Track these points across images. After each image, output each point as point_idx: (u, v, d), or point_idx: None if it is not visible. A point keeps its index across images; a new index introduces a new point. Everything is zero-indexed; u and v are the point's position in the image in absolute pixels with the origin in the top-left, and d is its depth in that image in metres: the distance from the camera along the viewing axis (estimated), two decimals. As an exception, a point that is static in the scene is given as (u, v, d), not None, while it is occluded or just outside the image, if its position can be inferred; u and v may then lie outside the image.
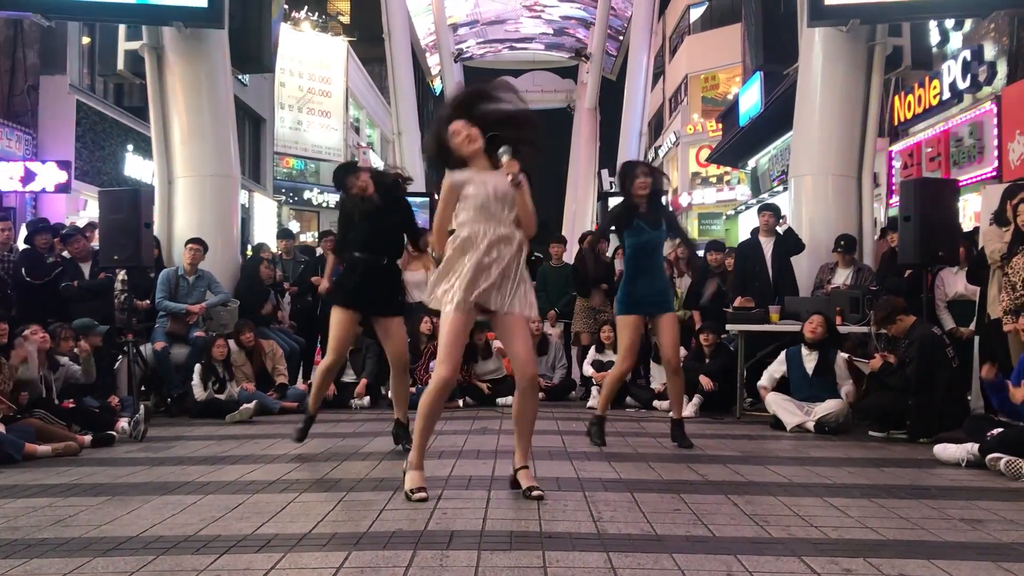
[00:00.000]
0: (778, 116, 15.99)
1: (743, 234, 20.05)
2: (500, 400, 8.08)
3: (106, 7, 8.66)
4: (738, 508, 3.81)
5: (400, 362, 5.42)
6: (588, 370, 8.23)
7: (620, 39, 31.54)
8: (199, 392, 7.49)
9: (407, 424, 5.47)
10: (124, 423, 6.16)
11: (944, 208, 7.11)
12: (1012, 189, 6.38)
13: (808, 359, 6.68)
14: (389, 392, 6.02)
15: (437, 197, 4.58)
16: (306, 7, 29.23)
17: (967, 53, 12.21)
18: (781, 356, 6.90)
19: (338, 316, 5.34)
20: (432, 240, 4.33)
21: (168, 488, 4.30)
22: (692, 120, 33.16)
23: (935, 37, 13.05)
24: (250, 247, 13.60)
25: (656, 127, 39.17)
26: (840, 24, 8.50)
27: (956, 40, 12.93)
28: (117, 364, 7.70)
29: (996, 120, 11.47)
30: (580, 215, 29.62)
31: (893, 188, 13.78)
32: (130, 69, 9.21)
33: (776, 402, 6.66)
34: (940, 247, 6.94)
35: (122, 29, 9.11)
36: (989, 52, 11.97)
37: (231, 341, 7.85)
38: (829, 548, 3.18)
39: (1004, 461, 4.64)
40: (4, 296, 7.37)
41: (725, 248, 9.45)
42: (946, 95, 12.71)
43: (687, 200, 32.39)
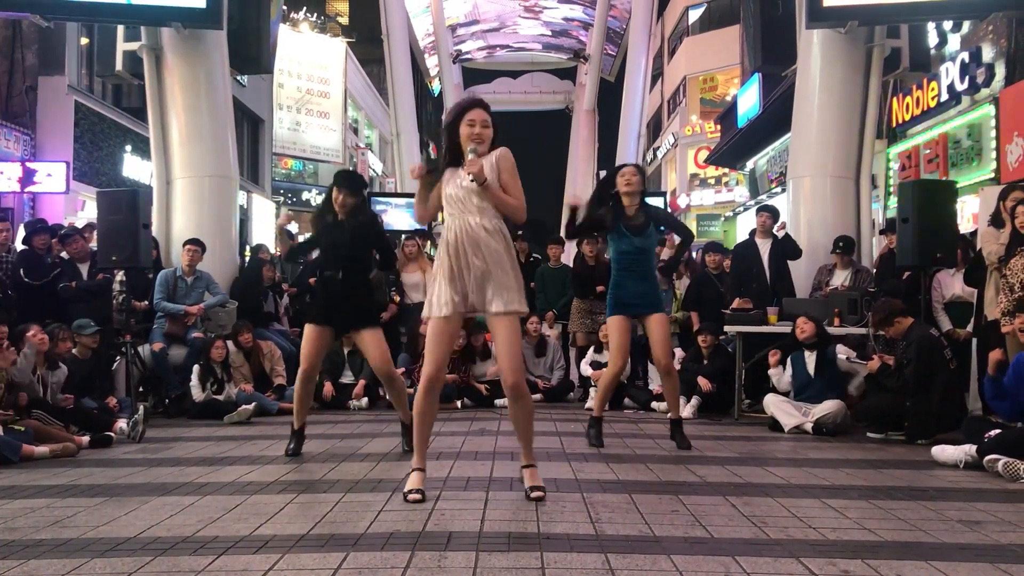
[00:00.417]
0: (776, 118, 16.01)
1: (741, 235, 20.05)
2: (498, 401, 8.07)
3: (104, 8, 8.64)
4: (736, 509, 3.81)
5: (383, 373, 5.36)
6: (586, 371, 8.23)
7: (619, 40, 31.54)
8: (197, 393, 7.49)
9: (410, 424, 5.47)
10: (122, 424, 6.16)
11: (942, 210, 7.12)
12: (1005, 190, 6.40)
13: (809, 360, 6.70)
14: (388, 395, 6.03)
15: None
16: (305, 8, 29.23)
17: (965, 55, 12.23)
18: (789, 366, 6.89)
19: (308, 331, 5.33)
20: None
21: (166, 489, 4.29)
22: (690, 121, 33.20)
23: (933, 39, 13.06)
24: (248, 248, 13.59)
25: (655, 128, 39.21)
26: (838, 26, 8.51)
27: (954, 42, 12.95)
28: (115, 365, 7.70)
29: (994, 122, 11.49)
30: (578, 217, 29.58)
31: (891, 190, 13.79)
32: (128, 70, 9.20)
33: (774, 403, 6.67)
34: (938, 249, 6.95)
35: (120, 30, 9.10)
36: (987, 54, 11.99)
37: (229, 342, 7.85)
38: (827, 549, 3.18)
39: (1002, 463, 4.65)
40: (4, 297, 7.37)
41: (723, 249, 9.46)
42: (944, 97, 12.74)
43: (685, 201, 32.41)
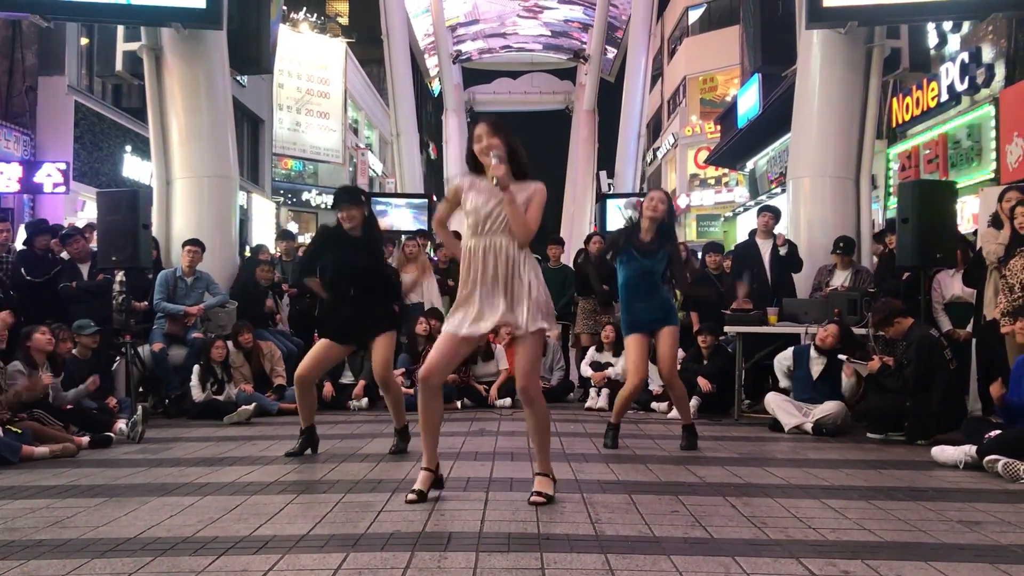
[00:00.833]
0: (776, 118, 16.01)
1: (741, 236, 20.06)
2: (498, 402, 8.08)
3: (104, 8, 8.63)
4: (736, 510, 3.81)
5: (381, 378, 5.40)
6: (586, 371, 8.23)
7: (618, 41, 31.55)
8: (197, 393, 7.49)
9: (405, 429, 5.48)
10: (122, 424, 6.16)
11: (942, 210, 7.12)
12: (1004, 191, 6.43)
13: (816, 362, 6.69)
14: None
15: (436, 200, 4.58)
16: (305, 8, 29.24)
17: (965, 55, 12.24)
18: (789, 351, 6.90)
19: (321, 344, 5.37)
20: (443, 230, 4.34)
21: (166, 489, 4.29)
22: (690, 122, 33.21)
23: (933, 39, 13.07)
24: (248, 248, 13.59)
25: (654, 129, 39.21)
26: (838, 26, 8.51)
27: (954, 42, 12.96)
28: (115, 365, 7.69)
29: (994, 122, 11.50)
30: (578, 217, 29.59)
31: (891, 190, 13.79)
32: (128, 70, 9.20)
33: (775, 403, 6.67)
34: (938, 249, 6.95)
35: (120, 30, 9.10)
36: (987, 54, 12.00)
37: (229, 342, 7.84)
38: (827, 550, 3.18)
39: (1002, 463, 4.65)
40: (4, 297, 7.36)
41: (724, 250, 9.46)
42: (944, 97, 12.75)
43: (685, 202, 32.42)
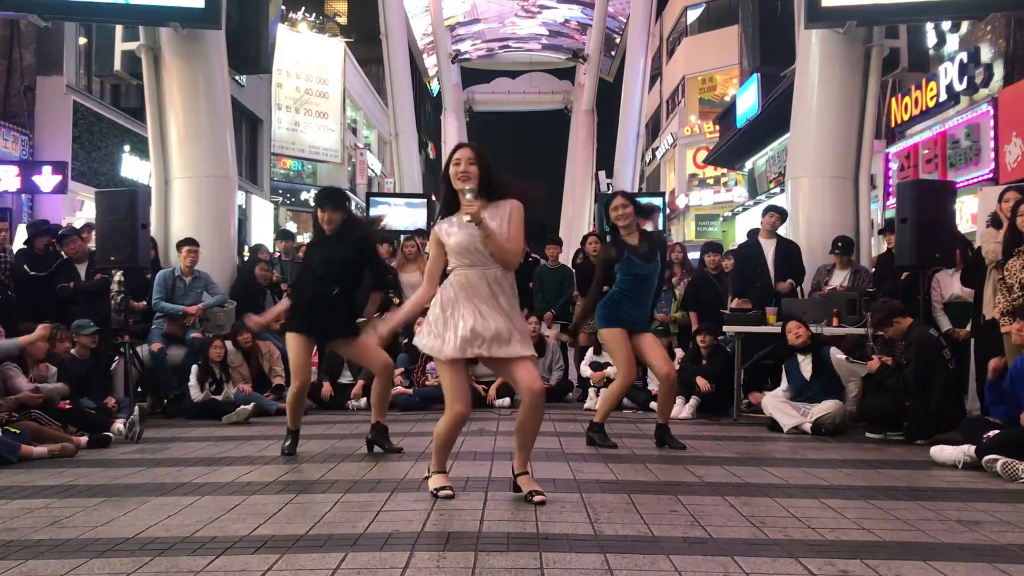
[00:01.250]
0: (775, 118, 16.00)
1: (740, 235, 20.08)
2: (498, 402, 8.08)
3: (103, 7, 8.63)
4: (735, 509, 3.81)
5: (381, 367, 5.36)
6: (586, 371, 8.23)
7: (617, 40, 31.55)
8: (196, 393, 7.49)
9: (386, 427, 5.46)
10: (120, 424, 6.15)
11: (940, 210, 7.12)
12: (1004, 191, 6.45)
13: (804, 364, 6.69)
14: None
15: (435, 199, 4.56)
16: (303, 8, 29.23)
17: (964, 55, 12.25)
18: (783, 378, 6.89)
19: (293, 342, 5.31)
20: (423, 294, 4.20)
21: (165, 489, 4.29)
22: (689, 122, 33.21)
23: (932, 39, 13.08)
24: (247, 248, 13.58)
25: (653, 129, 39.21)
26: (837, 26, 8.52)
27: (953, 42, 12.96)
28: (114, 365, 7.69)
29: (993, 122, 11.50)
30: (577, 217, 29.59)
31: (890, 190, 13.80)
32: (127, 70, 9.20)
33: (773, 404, 6.68)
34: (937, 249, 6.96)
35: (119, 30, 9.10)
36: (986, 54, 12.00)
37: (228, 342, 7.84)
38: (826, 549, 3.18)
39: (1001, 463, 4.65)
40: (4, 298, 7.36)
41: (722, 250, 9.46)
42: (943, 97, 12.75)
43: (684, 202, 32.42)
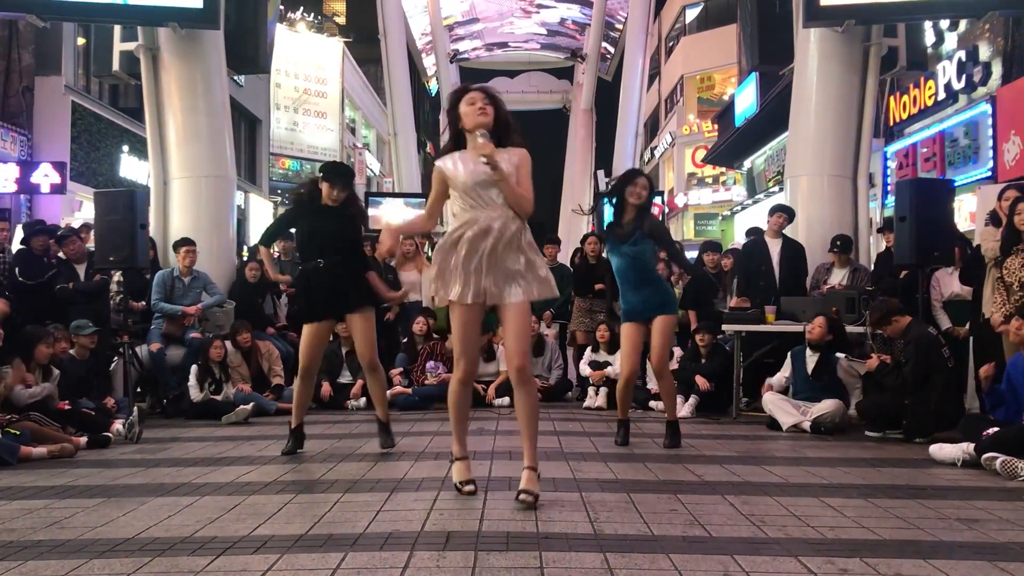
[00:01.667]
0: (774, 117, 16.01)
1: (739, 234, 20.07)
2: (497, 401, 8.07)
3: (101, 8, 8.62)
4: (735, 508, 3.81)
5: (367, 361, 5.35)
6: (585, 371, 8.23)
7: (616, 39, 31.54)
8: (195, 393, 7.49)
9: (388, 423, 5.46)
10: (119, 425, 6.14)
11: (939, 209, 7.12)
12: (1003, 189, 6.46)
13: (809, 359, 6.70)
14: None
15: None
16: (302, 8, 29.21)
17: (962, 54, 12.26)
18: (787, 360, 6.90)
19: (306, 330, 5.33)
20: (418, 222, 4.22)
21: (164, 490, 4.29)
22: (688, 121, 33.21)
23: (930, 38, 13.09)
24: (246, 248, 13.58)
25: (652, 128, 39.19)
26: (835, 25, 8.52)
27: (951, 41, 12.97)
28: (113, 366, 7.69)
29: (991, 120, 11.51)
30: (576, 216, 29.53)
31: (889, 189, 13.81)
32: (125, 70, 9.18)
33: (772, 402, 6.68)
34: (935, 248, 6.96)
35: (117, 30, 9.08)
36: (984, 53, 12.01)
37: (228, 342, 7.83)
38: (825, 548, 3.18)
39: (1000, 461, 4.65)
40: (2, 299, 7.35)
41: (721, 249, 9.46)
42: (941, 96, 12.77)
43: (683, 201, 32.41)
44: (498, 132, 3.93)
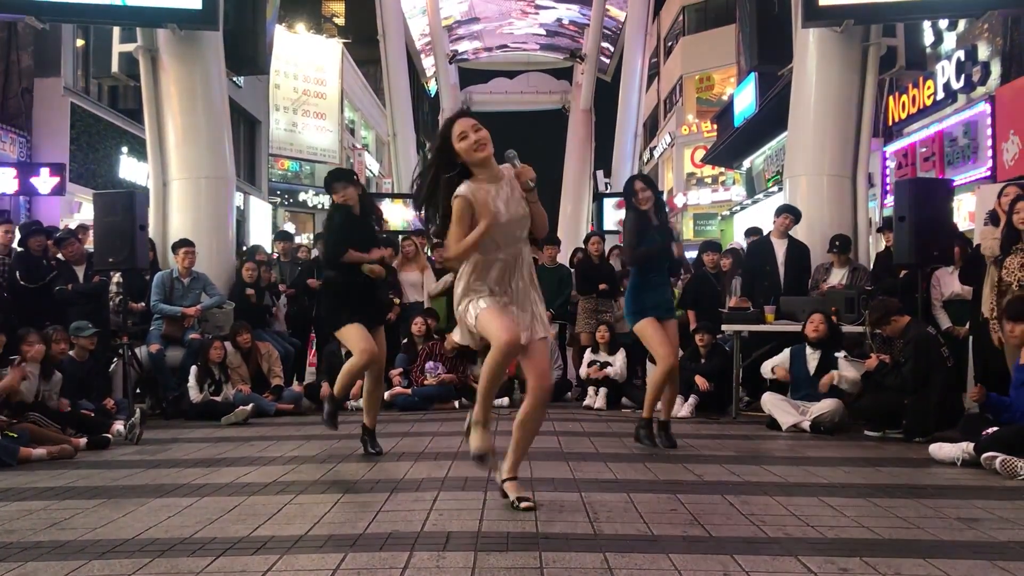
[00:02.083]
0: (773, 117, 16.01)
1: (738, 234, 20.05)
2: (497, 401, 8.04)
3: (100, 9, 8.62)
4: (734, 508, 3.81)
5: (379, 368, 5.49)
6: (585, 371, 8.23)
7: (615, 40, 31.54)
8: (195, 394, 7.49)
9: (373, 428, 5.45)
10: (119, 426, 6.14)
11: (938, 208, 7.13)
12: (1003, 187, 6.46)
13: (811, 358, 6.70)
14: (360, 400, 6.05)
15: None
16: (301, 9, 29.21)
17: (961, 53, 12.26)
18: (786, 352, 6.90)
19: (354, 329, 5.30)
20: (450, 254, 3.88)
21: (164, 490, 4.29)
22: (687, 121, 33.22)
23: (929, 37, 13.08)
24: (245, 249, 13.57)
25: (651, 128, 39.21)
26: (834, 25, 8.52)
27: (950, 40, 12.97)
28: (112, 367, 7.69)
29: (990, 120, 11.51)
30: (575, 217, 29.51)
31: (888, 188, 13.81)
32: (124, 71, 9.18)
33: (772, 402, 6.68)
34: (935, 247, 6.96)
35: (116, 31, 9.08)
36: (983, 52, 12.01)
37: (228, 343, 7.83)
38: (825, 547, 3.18)
39: (999, 460, 4.65)
40: (1, 300, 7.35)
41: (721, 249, 9.46)
42: (940, 95, 12.76)
43: (682, 201, 32.42)
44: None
